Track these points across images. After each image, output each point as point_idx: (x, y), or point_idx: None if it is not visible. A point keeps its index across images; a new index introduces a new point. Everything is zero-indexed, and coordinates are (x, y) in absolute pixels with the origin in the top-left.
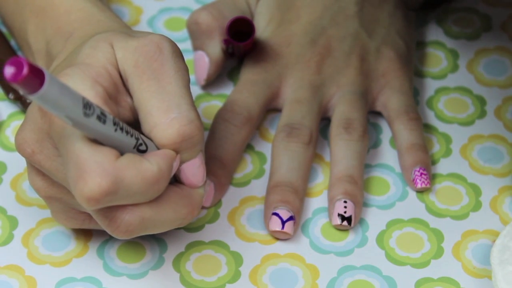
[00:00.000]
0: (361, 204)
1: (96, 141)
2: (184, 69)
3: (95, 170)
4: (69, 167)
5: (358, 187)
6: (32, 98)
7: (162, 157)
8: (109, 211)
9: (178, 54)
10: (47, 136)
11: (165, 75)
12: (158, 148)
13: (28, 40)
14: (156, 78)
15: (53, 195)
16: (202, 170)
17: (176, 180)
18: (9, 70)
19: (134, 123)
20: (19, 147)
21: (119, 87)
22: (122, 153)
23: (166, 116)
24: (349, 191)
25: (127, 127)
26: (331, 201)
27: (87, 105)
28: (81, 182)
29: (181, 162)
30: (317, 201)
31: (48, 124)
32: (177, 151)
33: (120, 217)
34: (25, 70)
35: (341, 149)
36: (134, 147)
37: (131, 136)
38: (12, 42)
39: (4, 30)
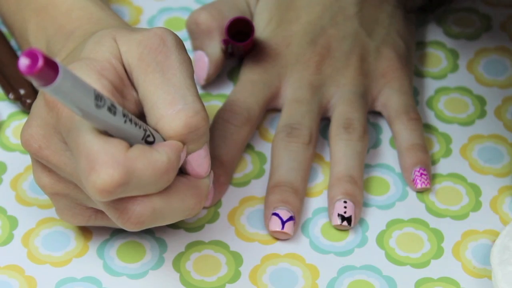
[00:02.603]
0: (361, 204)
1: (106, 133)
2: (188, 61)
3: (107, 161)
4: (79, 159)
5: (358, 187)
6: (45, 90)
7: (171, 148)
8: (120, 202)
9: (181, 46)
10: (54, 131)
11: (170, 67)
12: (165, 140)
13: (28, 39)
14: (161, 71)
15: (59, 191)
16: (207, 161)
17: (181, 171)
18: (24, 62)
19: (140, 117)
20: (26, 143)
21: (124, 80)
22: (131, 144)
23: (172, 108)
24: (349, 191)
25: (135, 119)
26: (331, 201)
27: (98, 97)
28: (93, 174)
29: (187, 153)
30: (317, 201)
31: (55, 118)
32: (183, 142)
33: (131, 208)
34: (40, 62)
35: (341, 149)
36: (142, 139)
37: (140, 127)
38: (12, 42)
39: (4, 30)
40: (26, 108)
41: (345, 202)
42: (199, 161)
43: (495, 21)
